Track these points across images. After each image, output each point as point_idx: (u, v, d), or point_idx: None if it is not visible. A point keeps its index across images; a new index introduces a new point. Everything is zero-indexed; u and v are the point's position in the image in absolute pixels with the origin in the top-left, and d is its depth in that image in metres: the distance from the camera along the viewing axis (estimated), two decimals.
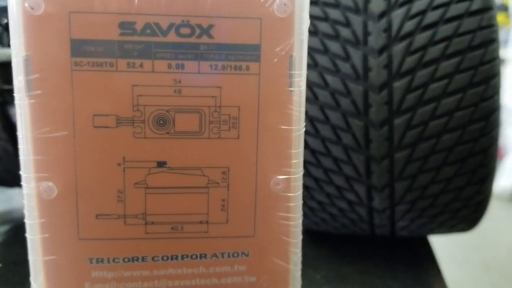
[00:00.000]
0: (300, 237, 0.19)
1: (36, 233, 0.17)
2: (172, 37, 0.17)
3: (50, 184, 0.17)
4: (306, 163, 0.28)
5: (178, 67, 0.17)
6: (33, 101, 0.16)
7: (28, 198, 0.17)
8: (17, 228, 0.35)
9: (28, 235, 0.17)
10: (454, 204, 0.27)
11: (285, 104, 0.17)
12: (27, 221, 0.17)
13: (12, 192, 0.43)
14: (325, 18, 0.26)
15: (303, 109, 0.18)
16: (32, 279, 0.18)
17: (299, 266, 0.19)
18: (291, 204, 0.18)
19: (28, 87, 0.16)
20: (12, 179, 0.35)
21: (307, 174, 0.28)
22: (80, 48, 0.16)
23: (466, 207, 0.28)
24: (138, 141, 0.17)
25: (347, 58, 0.26)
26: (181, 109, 0.17)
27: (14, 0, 0.16)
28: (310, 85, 0.26)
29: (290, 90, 0.17)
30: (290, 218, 0.18)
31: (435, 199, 0.27)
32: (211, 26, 0.17)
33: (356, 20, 0.26)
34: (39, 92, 0.16)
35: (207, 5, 0.16)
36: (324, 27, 0.26)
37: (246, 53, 0.17)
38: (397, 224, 0.29)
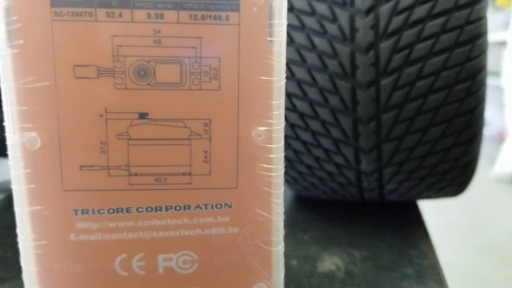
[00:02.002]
0: (282, 188, 0.19)
1: (22, 184, 0.18)
2: None
3: (34, 134, 0.17)
4: (294, 126, 0.28)
5: (157, 17, 0.17)
6: (15, 51, 0.16)
7: (12, 149, 0.17)
8: (10, 197, 0.36)
9: (13, 186, 0.18)
10: (441, 165, 0.27)
11: (265, 54, 0.17)
12: (12, 172, 0.18)
13: (6, 165, 0.44)
14: None
15: (283, 60, 0.18)
16: (18, 230, 0.18)
17: (281, 217, 0.19)
18: (272, 156, 0.18)
19: (9, 37, 0.16)
20: (5, 149, 0.35)
21: (295, 137, 0.28)
22: None
23: (453, 169, 0.28)
24: (119, 92, 0.17)
25: (334, 19, 0.26)
26: (161, 60, 0.17)
27: None
28: (297, 48, 0.26)
29: (270, 40, 0.17)
30: (272, 170, 0.18)
31: (422, 161, 0.27)
32: None
33: None
34: (21, 42, 0.16)
35: None
36: None
37: (226, 3, 0.17)
38: (386, 187, 0.29)
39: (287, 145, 0.29)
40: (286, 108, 0.28)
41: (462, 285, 1.67)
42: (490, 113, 3.72)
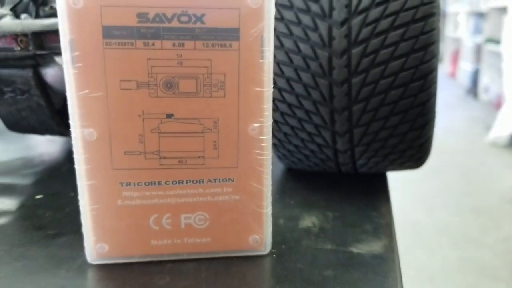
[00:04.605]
0: (270, 167, 0.26)
1: (82, 165, 0.24)
2: (175, 23, 0.23)
3: (91, 130, 0.24)
4: (283, 114, 0.35)
5: (180, 45, 0.23)
6: (76, 71, 0.23)
7: (75, 140, 0.24)
8: (50, 169, 0.43)
9: (76, 166, 0.25)
10: (400, 145, 0.34)
11: (258, 71, 0.24)
12: (75, 156, 0.24)
13: (38, 139, 0.50)
14: None
15: (271, 75, 0.24)
16: (79, 197, 0.25)
17: (269, 188, 0.26)
18: (263, 144, 0.25)
19: (72, 60, 0.23)
20: (44, 129, 0.42)
21: (284, 123, 0.35)
22: (109, 32, 0.23)
23: (411, 148, 0.35)
24: (153, 99, 0.24)
25: (316, 29, 0.32)
26: (183, 76, 0.24)
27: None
28: (286, 51, 0.33)
29: (262, 61, 0.24)
30: (263, 154, 0.25)
31: (385, 142, 0.34)
32: (203, 15, 0.23)
33: None
34: (80, 64, 0.23)
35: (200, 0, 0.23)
36: (298, 2, 0.32)
37: (229, 34, 0.23)
38: (358, 162, 0.36)
39: (278, 129, 0.36)
40: (278, 100, 0.34)
41: (453, 245, 1.76)
42: (488, 79, 3.76)
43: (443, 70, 5.16)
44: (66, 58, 0.23)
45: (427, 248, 1.74)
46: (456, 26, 4.79)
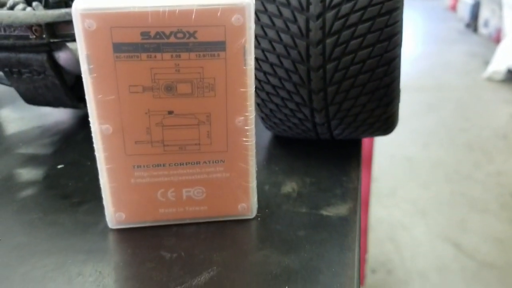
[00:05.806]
0: (254, 150, 0.31)
1: (101, 153, 0.30)
2: (172, 39, 0.28)
3: (107, 125, 0.29)
4: (268, 94, 0.40)
5: (177, 57, 0.28)
6: (92, 80, 0.28)
7: (95, 134, 0.30)
8: (66, 138, 0.48)
9: (96, 153, 0.30)
10: (369, 120, 0.40)
11: (242, 75, 0.29)
12: (95, 146, 0.30)
13: (48, 109, 0.55)
14: None
15: (253, 78, 0.29)
16: (100, 177, 0.31)
17: (254, 166, 0.32)
18: (248, 133, 0.31)
19: (89, 71, 0.28)
20: (58, 103, 0.47)
21: (269, 101, 0.40)
22: (118, 48, 0.28)
23: (378, 121, 0.40)
24: (156, 100, 0.29)
25: (295, 21, 0.36)
26: (180, 81, 0.29)
27: (79, 23, 0.27)
28: (269, 40, 0.37)
29: (245, 67, 0.29)
30: (248, 140, 0.31)
31: (356, 117, 0.40)
32: (195, 31, 0.28)
33: None
34: (96, 74, 0.28)
35: (192, 19, 0.27)
36: None
37: (217, 46, 0.28)
38: (334, 132, 0.42)
39: (265, 105, 0.41)
40: (263, 81, 0.39)
41: (446, 180, 1.84)
42: (488, 12, 3.70)
43: (444, 3, 5.04)
44: (84, 69, 0.28)
45: (421, 182, 1.83)
46: None
